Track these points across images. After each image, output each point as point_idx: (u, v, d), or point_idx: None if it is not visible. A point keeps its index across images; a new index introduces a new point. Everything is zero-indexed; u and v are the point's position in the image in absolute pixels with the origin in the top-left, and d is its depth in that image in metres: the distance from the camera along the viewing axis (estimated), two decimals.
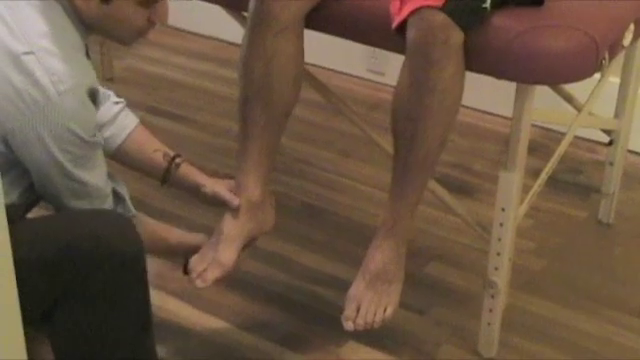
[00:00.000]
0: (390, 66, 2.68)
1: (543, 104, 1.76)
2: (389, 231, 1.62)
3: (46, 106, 1.31)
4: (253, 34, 1.61)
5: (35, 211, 1.49)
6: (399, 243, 1.63)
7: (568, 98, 2.01)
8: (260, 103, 1.63)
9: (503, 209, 1.63)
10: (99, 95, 1.43)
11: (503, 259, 1.67)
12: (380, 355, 1.74)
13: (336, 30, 1.70)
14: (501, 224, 1.64)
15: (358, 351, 1.74)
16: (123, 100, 1.64)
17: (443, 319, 1.84)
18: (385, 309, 1.62)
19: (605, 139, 2.08)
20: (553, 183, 2.21)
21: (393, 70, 1.65)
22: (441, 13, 1.46)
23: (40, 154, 1.34)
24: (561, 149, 1.77)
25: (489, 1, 1.50)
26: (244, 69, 1.64)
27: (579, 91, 1.91)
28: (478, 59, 1.53)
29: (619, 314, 1.86)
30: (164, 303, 1.83)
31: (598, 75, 1.69)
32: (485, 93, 2.14)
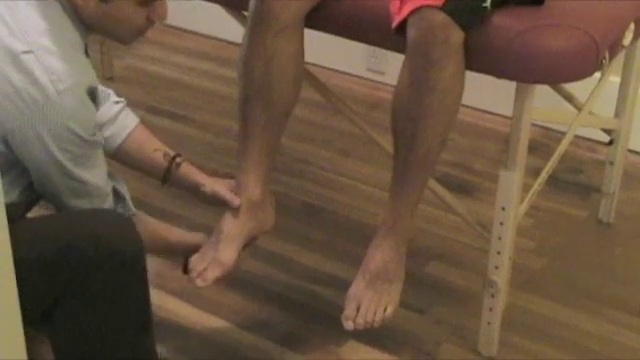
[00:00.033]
0: (390, 65, 2.68)
1: (543, 103, 1.76)
2: (389, 230, 1.62)
3: (45, 105, 1.31)
4: (253, 33, 1.61)
5: (35, 210, 1.49)
6: (399, 242, 1.63)
7: (568, 97, 2.00)
8: (260, 102, 1.63)
9: (503, 208, 1.63)
10: (99, 94, 1.43)
11: (503, 258, 1.67)
12: (380, 354, 1.74)
13: (336, 29, 1.69)
14: (501, 223, 1.64)
15: (358, 350, 1.74)
16: (123, 99, 1.64)
17: (443, 318, 1.84)
18: (385, 308, 1.62)
19: (605, 138, 2.08)
20: (553, 182, 2.21)
21: (393, 69, 1.64)
22: (441, 12, 1.46)
23: (39, 153, 1.34)
24: (561, 148, 1.77)
25: (489, 0, 1.50)
26: (244, 68, 1.64)
27: (579, 90, 1.91)
28: (478, 58, 1.53)
29: (619, 313, 1.86)
30: (164, 302, 1.83)
31: (598, 74, 1.69)
32: (485, 92, 2.14)
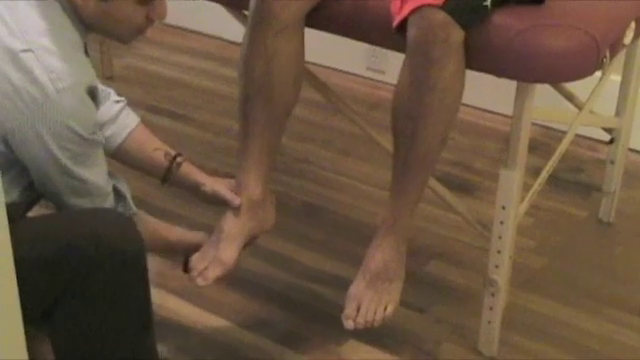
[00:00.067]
0: (390, 65, 2.68)
1: (544, 102, 1.76)
2: (389, 229, 1.62)
3: (45, 104, 1.30)
4: (254, 33, 1.61)
5: (36, 209, 1.49)
6: (399, 241, 1.63)
7: (569, 96, 2.00)
8: (261, 102, 1.63)
9: (503, 207, 1.63)
10: (98, 93, 1.43)
11: (503, 257, 1.67)
12: (380, 354, 1.74)
13: (336, 29, 1.69)
14: (501, 222, 1.64)
15: (358, 350, 1.74)
16: (124, 99, 1.64)
17: (443, 317, 1.84)
18: (385, 308, 1.62)
19: (606, 137, 2.08)
20: (554, 181, 2.21)
21: (393, 69, 1.64)
22: (441, 12, 1.46)
23: (39, 152, 1.34)
24: (562, 147, 1.77)
25: None
26: (245, 68, 1.64)
27: (580, 89, 1.91)
28: (479, 57, 1.53)
29: (619, 313, 1.86)
30: (164, 301, 1.83)
31: (599, 73, 1.69)
32: (486, 91, 2.14)
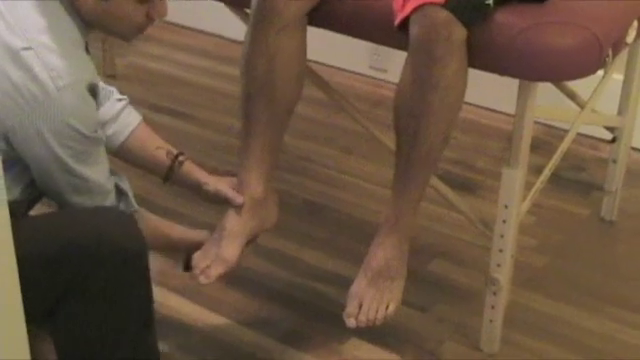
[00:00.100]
0: (392, 63, 2.68)
1: (546, 101, 1.76)
2: (391, 228, 1.62)
3: (45, 102, 1.30)
4: (256, 31, 1.61)
5: (38, 208, 1.49)
6: (401, 240, 1.63)
7: (571, 95, 2.00)
8: (263, 100, 1.63)
9: (506, 206, 1.63)
10: (99, 91, 1.43)
11: (505, 256, 1.66)
12: (382, 352, 1.74)
13: (339, 27, 1.69)
14: (504, 221, 1.64)
15: (360, 348, 1.74)
16: (126, 97, 1.64)
17: (445, 316, 1.84)
18: (387, 306, 1.62)
19: (608, 136, 2.08)
20: (556, 180, 2.20)
21: (396, 67, 1.64)
22: (444, 10, 1.46)
23: (40, 150, 1.34)
24: (564, 146, 1.76)
25: None
26: (246, 66, 1.63)
27: (582, 88, 1.91)
28: (481, 56, 1.53)
29: (622, 311, 1.86)
30: (166, 300, 1.83)
31: (601, 72, 1.68)
32: (488, 90, 2.14)
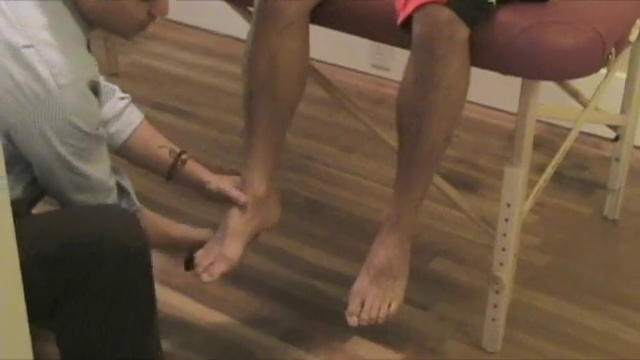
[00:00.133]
0: (395, 61, 2.68)
1: (549, 100, 1.75)
2: (393, 226, 1.62)
3: (47, 99, 1.30)
4: (258, 29, 1.61)
5: (40, 206, 1.49)
6: (403, 238, 1.63)
7: (574, 94, 2.00)
8: (265, 99, 1.63)
9: (508, 205, 1.63)
10: (101, 88, 1.43)
11: (508, 255, 1.66)
12: (384, 350, 1.74)
13: (341, 25, 1.69)
14: (506, 220, 1.64)
15: (362, 347, 1.74)
16: (128, 95, 1.64)
17: (447, 315, 1.84)
18: (389, 304, 1.62)
19: (611, 135, 2.08)
20: (558, 179, 2.20)
21: (398, 65, 1.64)
22: (446, 8, 1.46)
23: (42, 148, 1.34)
24: (566, 145, 1.76)
25: None
26: (249, 65, 1.63)
27: (585, 87, 1.91)
28: (483, 55, 1.53)
29: (624, 310, 1.86)
30: (168, 298, 1.83)
31: (604, 71, 1.68)
32: (491, 89, 2.13)
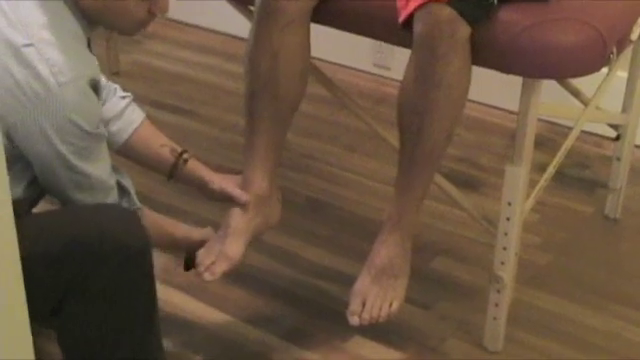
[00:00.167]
0: (396, 60, 2.67)
1: (550, 98, 1.75)
2: (395, 225, 1.62)
3: (47, 98, 1.30)
4: (259, 28, 1.61)
5: (41, 205, 1.49)
6: (405, 237, 1.63)
7: (575, 92, 2.00)
8: (267, 98, 1.63)
9: (509, 203, 1.63)
10: (101, 87, 1.43)
11: (509, 253, 1.66)
12: (385, 350, 1.74)
13: (342, 24, 1.69)
14: (507, 218, 1.64)
15: (363, 346, 1.74)
16: (130, 94, 1.63)
17: (449, 313, 1.84)
18: (391, 304, 1.62)
19: (612, 134, 2.08)
20: (559, 178, 2.20)
21: (399, 64, 1.64)
22: (448, 7, 1.46)
23: (42, 146, 1.33)
24: (568, 144, 1.76)
25: None
26: (250, 63, 1.63)
27: (586, 85, 1.90)
28: (485, 53, 1.53)
29: (626, 309, 1.86)
30: (169, 297, 1.83)
31: (605, 69, 1.68)
32: (492, 87, 2.13)
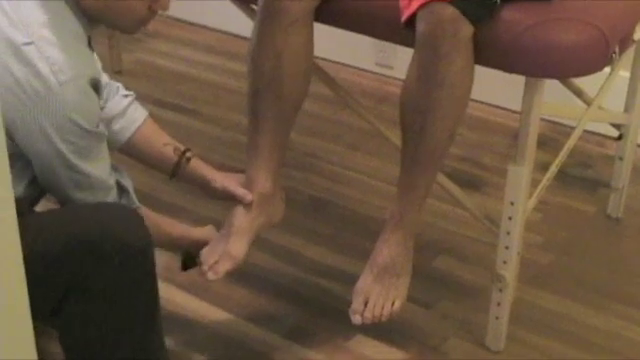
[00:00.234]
0: (399, 59, 2.67)
1: (552, 98, 1.75)
2: (397, 224, 1.62)
3: (47, 96, 1.30)
4: (263, 27, 1.61)
5: (42, 204, 1.50)
6: (407, 236, 1.63)
7: (578, 92, 2.00)
8: (270, 97, 1.63)
9: (512, 203, 1.63)
10: (102, 86, 1.43)
11: (511, 253, 1.66)
12: (387, 348, 1.74)
13: (345, 24, 1.69)
14: (510, 218, 1.64)
15: (365, 345, 1.74)
16: (132, 93, 1.64)
17: (451, 313, 1.84)
18: (393, 303, 1.62)
19: (615, 133, 2.08)
20: (562, 177, 2.20)
21: (402, 63, 1.64)
22: (450, 6, 1.46)
23: (42, 145, 1.33)
24: (570, 143, 1.76)
25: None
26: (254, 63, 1.63)
27: (589, 85, 1.90)
28: (487, 53, 1.52)
29: (628, 309, 1.86)
30: (172, 296, 1.83)
31: (608, 69, 1.68)
32: (495, 87, 2.13)
